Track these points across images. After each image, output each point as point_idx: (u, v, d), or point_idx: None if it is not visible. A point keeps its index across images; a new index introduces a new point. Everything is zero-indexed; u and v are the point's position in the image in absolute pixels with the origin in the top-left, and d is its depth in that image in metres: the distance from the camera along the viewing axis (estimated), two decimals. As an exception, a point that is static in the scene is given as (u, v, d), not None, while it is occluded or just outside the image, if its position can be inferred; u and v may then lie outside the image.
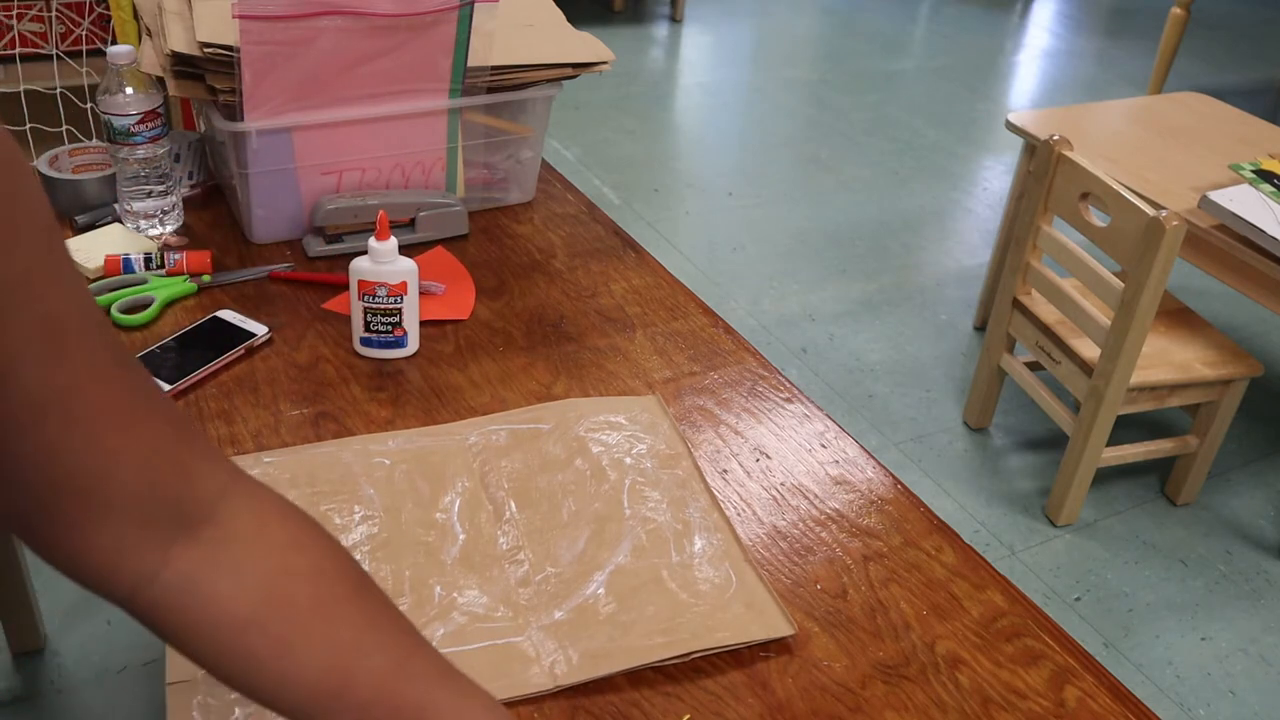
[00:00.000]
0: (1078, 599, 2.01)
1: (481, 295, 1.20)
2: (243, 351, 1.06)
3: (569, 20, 1.39)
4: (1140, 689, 1.83)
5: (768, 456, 0.99)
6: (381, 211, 1.02)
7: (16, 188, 0.43)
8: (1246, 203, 1.93)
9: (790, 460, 0.99)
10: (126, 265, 1.16)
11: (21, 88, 2.08)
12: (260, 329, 1.08)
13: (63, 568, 0.51)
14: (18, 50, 2.20)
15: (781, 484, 0.96)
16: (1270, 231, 1.84)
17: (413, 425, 0.98)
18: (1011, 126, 2.40)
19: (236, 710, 0.70)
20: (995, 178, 3.65)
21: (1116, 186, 1.83)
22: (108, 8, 1.57)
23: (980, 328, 2.77)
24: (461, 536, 0.85)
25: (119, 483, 0.49)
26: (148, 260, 1.16)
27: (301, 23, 1.10)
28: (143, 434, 0.50)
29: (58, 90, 2.09)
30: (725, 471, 0.96)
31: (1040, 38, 5.20)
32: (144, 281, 1.14)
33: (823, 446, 1.01)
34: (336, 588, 0.57)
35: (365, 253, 1.03)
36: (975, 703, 0.76)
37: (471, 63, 1.23)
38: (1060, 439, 2.12)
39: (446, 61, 1.21)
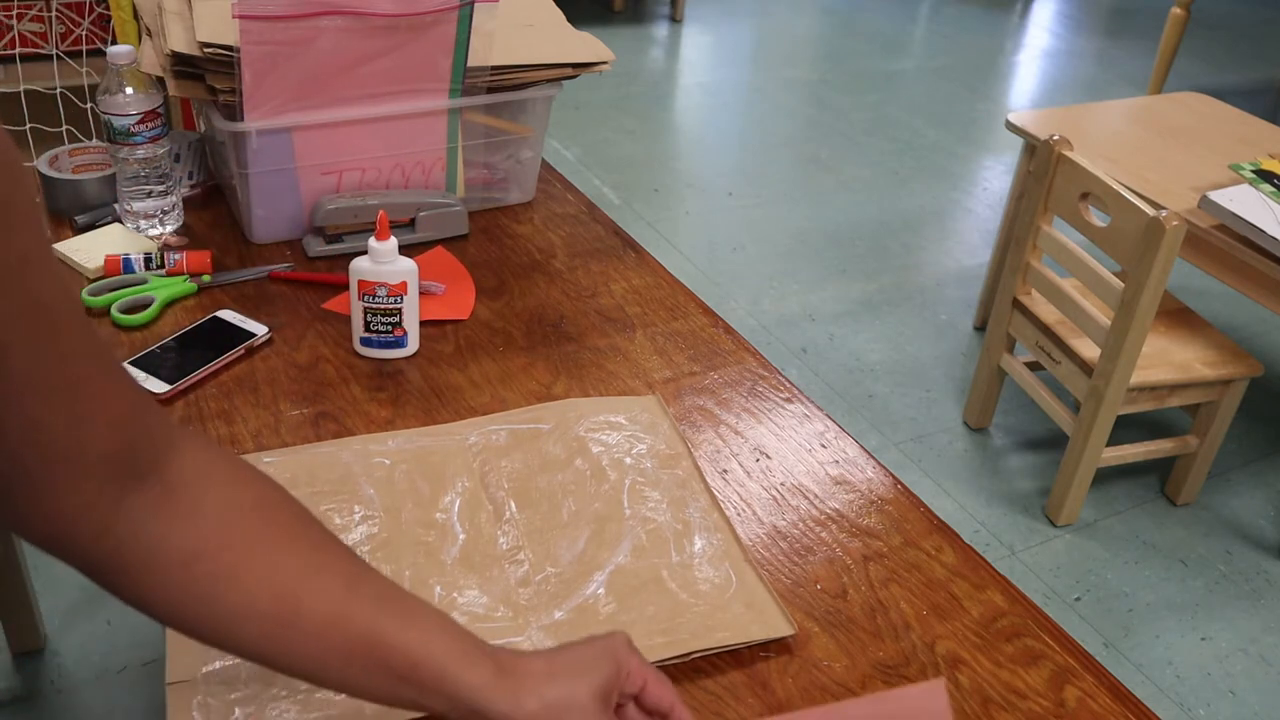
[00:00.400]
0: (1078, 599, 2.01)
1: (481, 295, 1.20)
2: (243, 351, 1.06)
3: (569, 20, 1.39)
4: (1140, 689, 1.84)
5: (768, 456, 0.99)
6: (381, 211, 1.02)
7: (15, 183, 0.45)
8: (1246, 203, 1.93)
9: (790, 460, 0.99)
10: (126, 265, 1.16)
11: (21, 88, 2.08)
12: (260, 329, 1.08)
13: (26, 531, 0.53)
14: (18, 50, 2.20)
15: (781, 484, 0.96)
16: (1270, 231, 1.84)
17: (413, 425, 0.98)
18: (1011, 126, 2.40)
19: (236, 710, 0.70)
20: (995, 178, 3.65)
21: (1116, 186, 1.83)
22: (108, 8, 1.58)
23: (980, 328, 2.77)
24: (461, 536, 0.85)
25: (94, 448, 0.52)
26: (148, 260, 1.16)
27: (301, 23, 1.10)
28: (114, 401, 0.52)
29: (58, 90, 2.09)
30: (725, 471, 0.96)
31: (1040, 38, 5.20)
32: (144, 281, 1.14)
33: (823, 446, 1.01)
34: (279, 518, 0.59)
35: (365, 253, 1.03)
36: (975, 703, 0.76)
37: (471, 63, 1.23)
38: (1060, 439, 2.12)
39: (446, 61, 1.21)
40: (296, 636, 0.57)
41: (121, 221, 1.24)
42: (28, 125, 2.08)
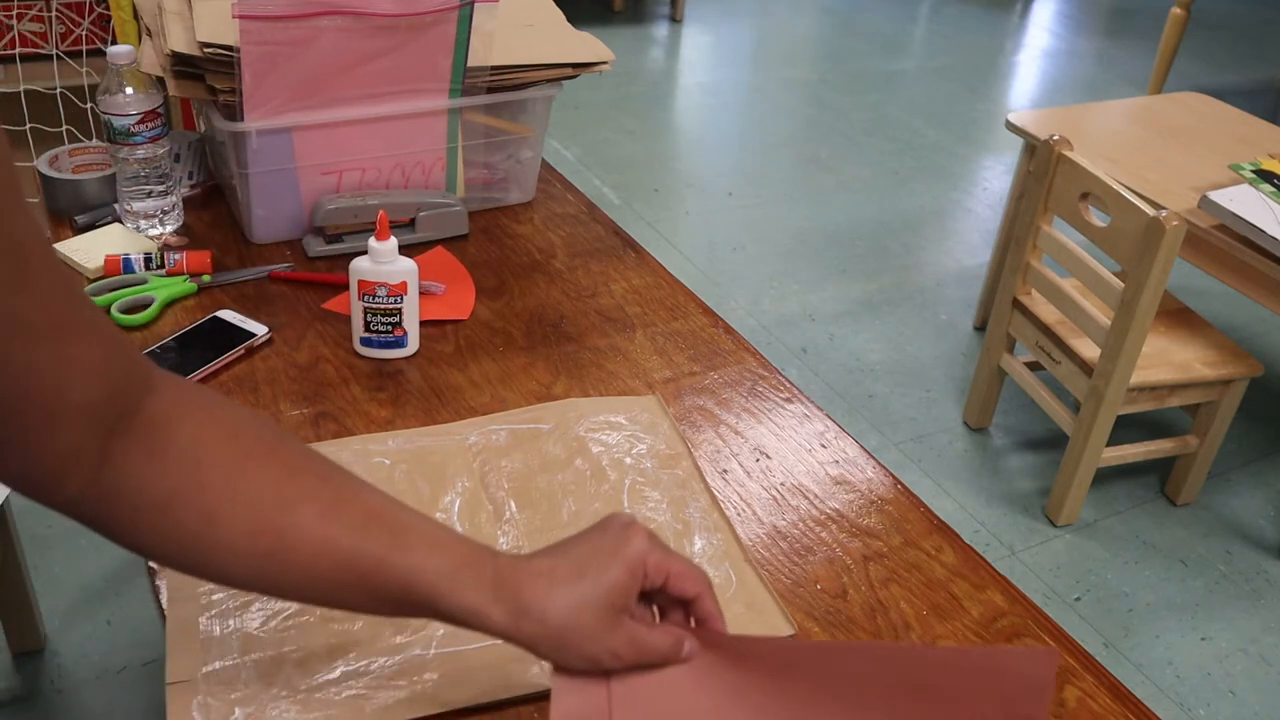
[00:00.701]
0: (1078, 599, 2.01)
1: (481, 295, 1.20)
2: (243, 351, 1.06)
3: (569, 20, 1.39)
4: (1140, 689, 1.84)
5: (768, 456, 0.99)
6: (381, 211, 1.02)
7: None
8: (1246, 203, 1.93)
9: (790, 460, 0.99)
10: (126, 265, 1.16)
11: (21, 88, 2.08)
12: (260, 329, 1.08)
13: (17, 482, 0.53)
14: (18, 50, 2.20)
15: (781, 484, 0.96)
16: (1270, 231, 1.84)
17: (413, 425, 0.98)
18: (1011, 126, 2.40)
19: (236, 710, 0.70)
20: (995, 178, 3.65)
21: (1116, 186, 1.83)
22: (108, 8, 1.58)
23: (980, 328, 2.77)
24: (461, 536, 0.85)
25: (78, 392, 0.52)
26: (148, 260, 1.16)
27: (301, 23, 1.10)
28: (96, 345, 0.52)
29: (58, 90, 2.09)
30: (725, 471, 0.96)
31: (1040, 38, 5.20)
32: (144, 281, 1.14)
33: (823, 446, 1.01)
34: (252, 446, 0.58)
35: (365, 253, 1.03)
36: (975, 703, 0.76)
37: (471, 63, 1.23)
38: (1060, 439, 2.12)
39: (446, 61, 1.21)
40: (283, 568, 0.57)
41: (121, 221, 1.24)
42: (28, 125, 2.08)
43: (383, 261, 1.03)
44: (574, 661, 0.59)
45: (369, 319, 1.05)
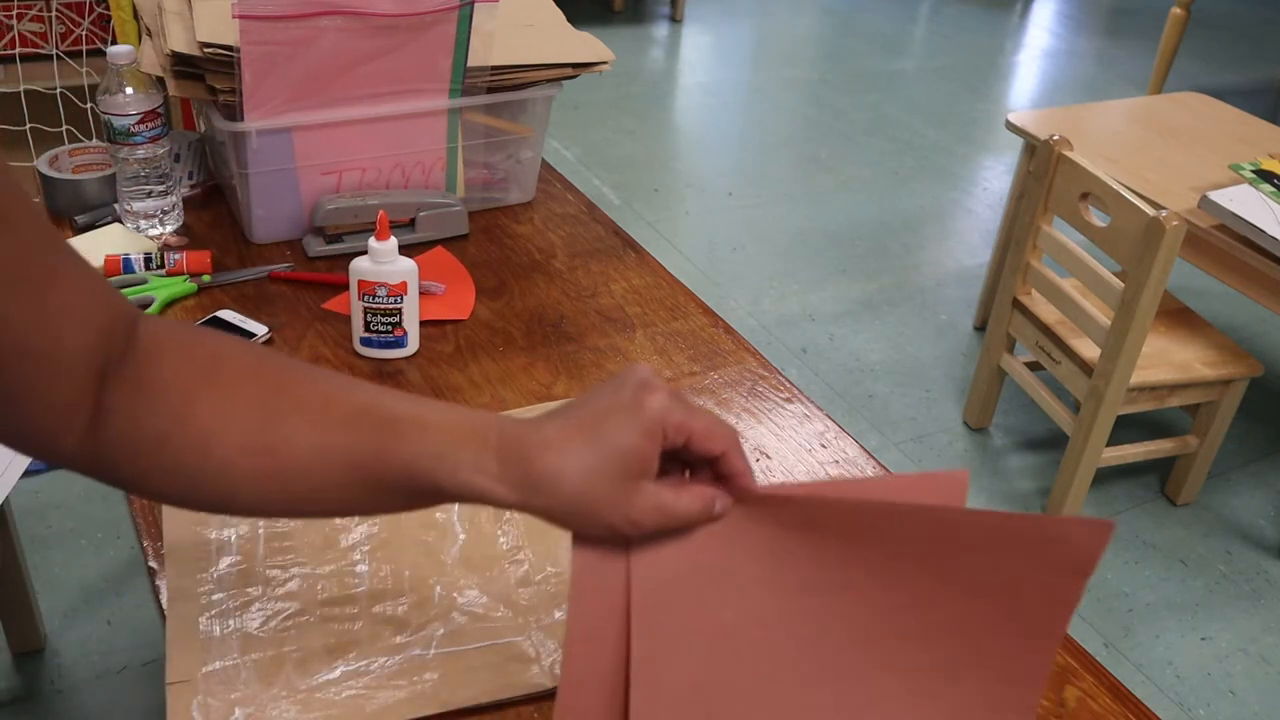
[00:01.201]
0: (1078, 599, 2.01)
1: (481, 295, 1.20)
2: (243, 351, 1.06)
3: (569, 20, 1.39)
4: (1140, 689, 1.84)
5: (768, 456, 0.99)
6: (381, 211, 1.02)
7: None
8: (1246, 203, 1.93)
9: (790, 460, 0.98)
10: (126, 265, 1.16)
11: (21, 88, 2.08)
12: (260, 329, 1.08)
13: (16, 439, 0.53)
14: (18, 50, 2.20)
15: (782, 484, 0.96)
16: (1270, 231, 1.84)
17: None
18: (1011, 126, 2.40)
19: (236, 710, 0.70)
20: (995, 178, 3.65)
21: (1116, 186, 1.83)
22: (108, 8, 1.58)
23: (980, 328, 2.77)
24: (461, 536, 0.85)
25: (70, 339, 0.52)
26: (148, 260, 1.16)
27: (301, 23, 1.10)
28: (84, 294, 0.53)
29: (58, 90, 2.09)
30: (725, 471, 0.96)
31: (1040, 38, 5.20)
32: (144, 281, 1.14)
33: (823, 446, 1.01)
34: (234, 371, 0.57)
35: (365, 253, 1.03)
36: (975, 703, 0.76)
37: (471, 63, 1.23)
38: (1060, 439, 2.12)
39: (446, 61, 1.21)
40: (285, 485, 0.56)
41: (121, 221, 1.24)
42: (28, 125, 2.08)
43: (383, 261, 1.03)
44: (592, 530, 0.55)
45: (369, 319, 1.05)
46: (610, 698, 0.58)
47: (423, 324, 1.11)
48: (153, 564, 0.81)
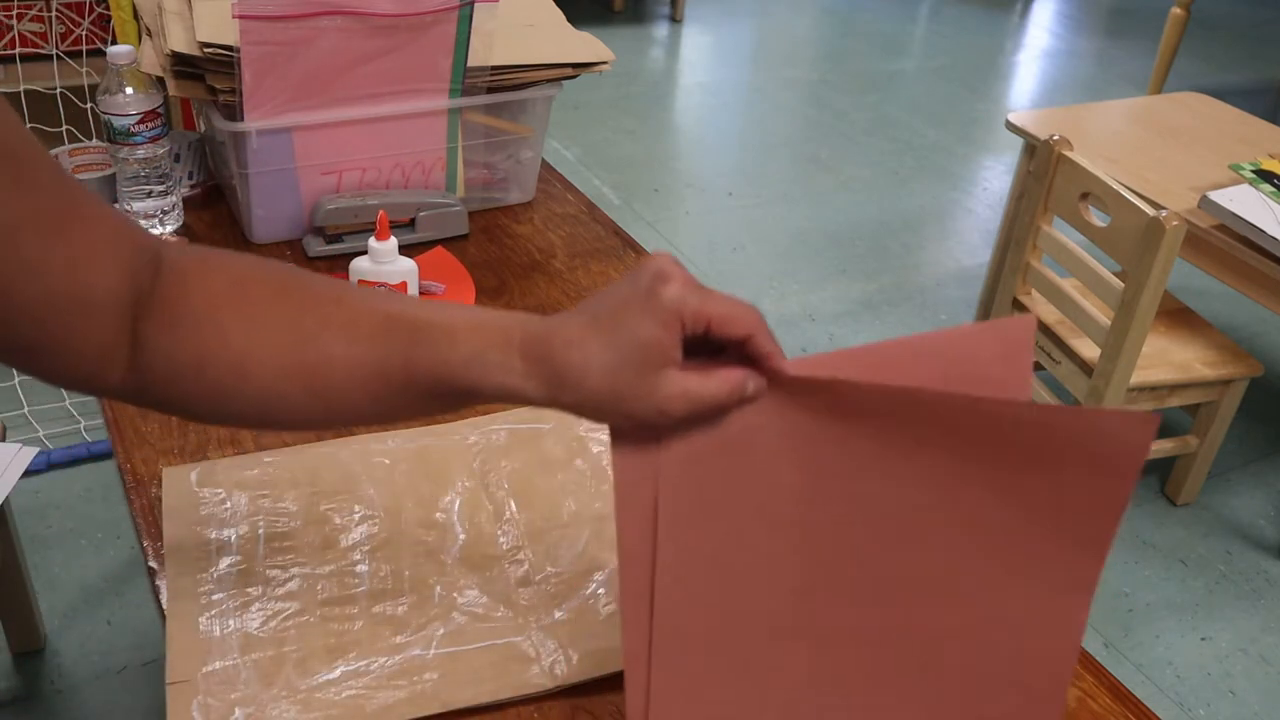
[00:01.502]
0: (1078, 599, 2.01)
1: (481, 295, 1.20)
2: (243, 351, 1.06)
3: (569, 20, 1.39)
4: (1140, 689, 1.84)
5: (768, 456, 0.99)
6: (381, 211, 1.02)
7: None
8: (1246, 203, 1.93)
9: (790, 460, 0.98)
10: (126, 265, 1.16)
11: (21, 88, 2.08)
12: (260, 329, 1.08)
13: (63, 380, 0.56)
14: (18, 50, 2.20)
15: (781, 484, 0.95)
16: (1270, 231, 1.84)
17: (413, 425, 0.98)
18: (1011, 126, 2.40)
19: (236, 710, 0.70)
20: (995, 178, 3.65)
21: (1116, 186, 1.83)
22: (108, 8, 1.58)
23: (980, 328, 2.76)
24: (461, 536, 0.85)
25: (99, 279, 0.53)
26: (148, 260, 1.16)
27: (301, 23, 1.10)
28: (108, 235, 0.54)
29: (58, 90, 2.09)
30: (725, 471, 0.96)
31: (1040, 38, 5.20)
32: (144, 281, 1.14)
33: (823, 446, 1.01)
34: (261, 291, 0.59)
35: (365, 253, 1.03)
36: (975, 703, 0.76)
37: (471, 63, 1.23)
38: (1060, 439, 2.12)
39: (446, 61, 1.21)
40: (325, 399, 0.58)
41: (121, 221, 1.24)
42: (28, 125, 2.08)
43: (383, 261, 1.03)
44: (622, 423, 0.56)
45: (369, 319, 1.05)
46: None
47: (423, 324, 1.11)
48: (153, 564, 0.81)
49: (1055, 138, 1.95)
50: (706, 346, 0.56)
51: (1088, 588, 0.57)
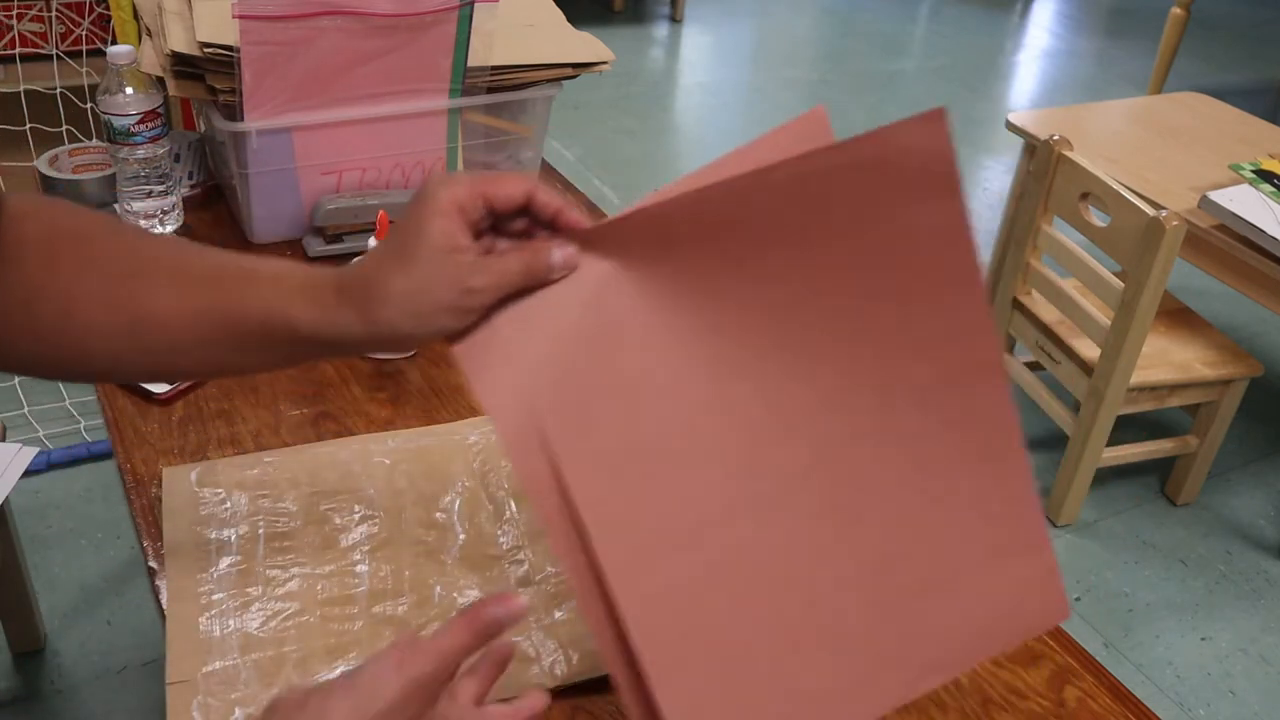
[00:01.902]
0: (1078, 599, 2.02)
1: (481, 295, 1.19)
2: (243, 351, 1.06)
3: (569, 20, 1.39)
4: (1140, 689, 1.84)
5: (768, 456, 0.99)
6: (381, 211, 1.02)
7: None
8: (1246, 203, 1.93)
9: (790, 460, 0.98)
10: (126, 265, 1.16)
11: (21, 88, 2.08)
12: (260, 329, 1.08)
13: None
14: (18, 50, 2.20)
15: (781, 484, 0.95)
16: (1270, 231, 1.84)
17: (413, 425, 0.98)
18: (1011, 126, 2.40)
19: (237, 710, 0.70)
20: (995, 178, 3.64)
21: (1116, 186, 1.83)
22: (108, 8, 1.58)
23: (980, 328, 2.76)
24: (461, 536, 0.85)
25: None
26: (148, 260, 1.16)
27: (301, 23, 1.10)
28: None
29: (58, 90, 2.09)
30: (725, 471, 0.96)
31: (1040, 38, 5.20)
32: (144, 281, 1.14)
33: (823, 446, 1.01)
34: (99, 233, 0.60)
35: (365, 253, 1.03)
36: (975, 702, 0.76)
37: (471, 63, 1.23)
38: (1060, 439, 2.12)
39: (446, 61, 1.21)
40: (145, 341, 0.59)
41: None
42: (28, 125, 2.08)
43: (383, 261, 1.03)
44: (449, 322, 0.57)
45: (369, 319, 1.05)
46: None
47: (423, 324, 1.11)
48: (153, 564, 0.81)
49: (1055, 138, 1.95)
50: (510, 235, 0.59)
51: (987, 332, 0.54)
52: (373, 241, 1.02)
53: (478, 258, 0.57)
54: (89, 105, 2.06)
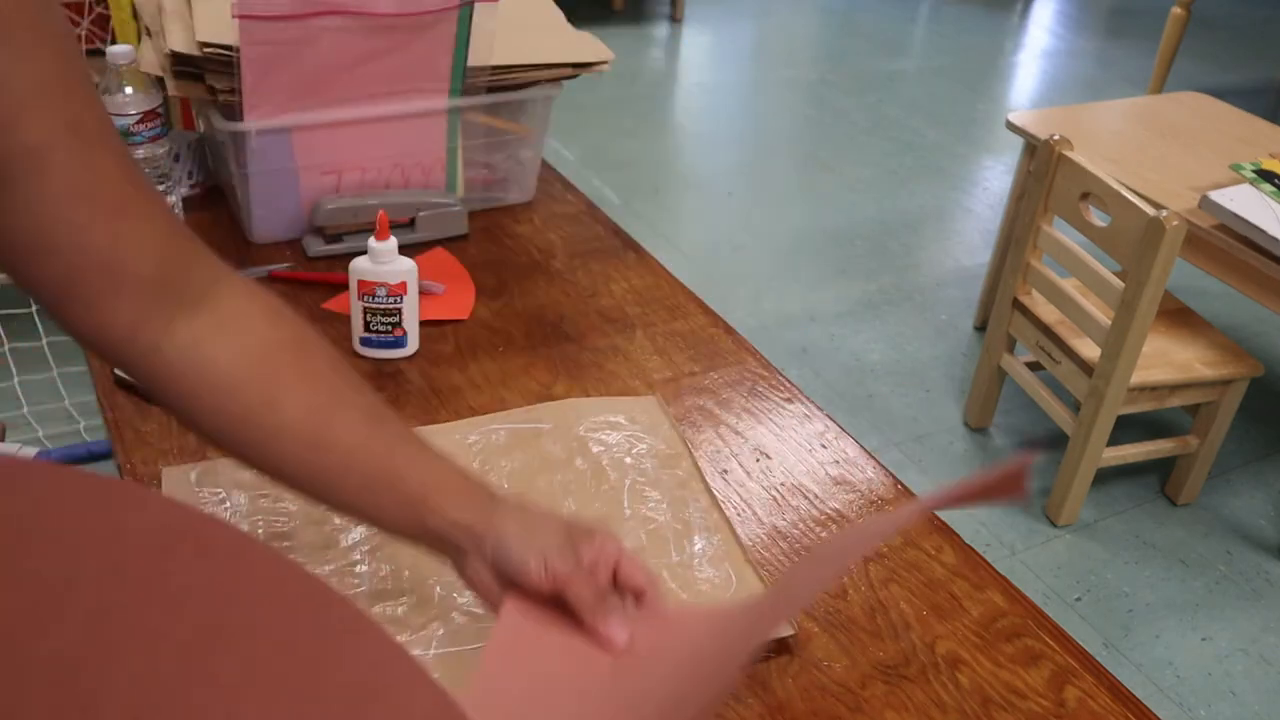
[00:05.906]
0: (1078, 599, 2.01)
1: (481, 295, 1.20)
2: (243, 351, 1.06)
3: (569, 20, 1.39)
4: (1140, 689, 1.83)
5: (768, 456, 0.99)
6: (381, 211, 1.02)
7: (45, 6, 0.54)
8: (1247, 203, 1.93)
9: (790, 460, 0.98)
10: (126, 265, 1.15)
11: (21, 88, 2.08)
12: (260, 329, 1.08)
13: (87, 338, 0.61)
14: (18, 50, 2.19)
15: (781, 484, 0.96)
16: (1270, 231, 1.84)
17: (412, 425, 0.97)
18: (1011, 126, 2.40)
19: (236, 710, 0.70)
20: (995, 178, 3.65)
21: (1116, 186, 1.83)
22: (107, 7, 1.57)
23: (980, 328, 2.77)
24: (461, 536, 0.85)
25: (132, 262, 0.59)
26: (147, 260, 1.16)
27: (301, 23, 1.10)
28: (151, 228, 0.61)
29: (58, 90, 2.09)
30: (725, 471, 0.96)
31: (1040, 38, 5.20)
32: (144, 281, 1.14)
33: (823, 447, 1.01)
34: (314, 358, 0.67)
35: (365, 253, 1.03)
36: (975, 703, 0.76)
37: (471, 63, 1.22)
38: (1060, 439, 2.12)
39: (446, 61, 1.21)
40: (324, 459, 0.64)
41: (121, 221, 1.24)
42: (28, 125, 2.08)
43: (382, 261, 1.03)
44: (510, 563, 0.66)
45: (369, 319, 1.05)
46: None
47: (422, 324, 1.11)
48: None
49: (1055, 138, 1.95)
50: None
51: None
52: (372, 241, 1.02)
53: (573, 552, 0.65)
54: (89, 105, 2.06)
